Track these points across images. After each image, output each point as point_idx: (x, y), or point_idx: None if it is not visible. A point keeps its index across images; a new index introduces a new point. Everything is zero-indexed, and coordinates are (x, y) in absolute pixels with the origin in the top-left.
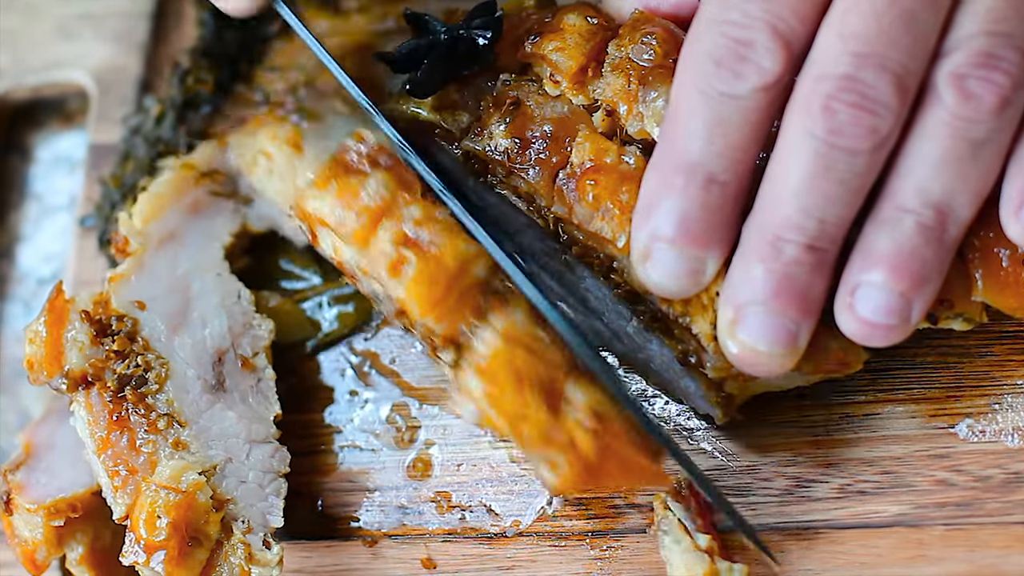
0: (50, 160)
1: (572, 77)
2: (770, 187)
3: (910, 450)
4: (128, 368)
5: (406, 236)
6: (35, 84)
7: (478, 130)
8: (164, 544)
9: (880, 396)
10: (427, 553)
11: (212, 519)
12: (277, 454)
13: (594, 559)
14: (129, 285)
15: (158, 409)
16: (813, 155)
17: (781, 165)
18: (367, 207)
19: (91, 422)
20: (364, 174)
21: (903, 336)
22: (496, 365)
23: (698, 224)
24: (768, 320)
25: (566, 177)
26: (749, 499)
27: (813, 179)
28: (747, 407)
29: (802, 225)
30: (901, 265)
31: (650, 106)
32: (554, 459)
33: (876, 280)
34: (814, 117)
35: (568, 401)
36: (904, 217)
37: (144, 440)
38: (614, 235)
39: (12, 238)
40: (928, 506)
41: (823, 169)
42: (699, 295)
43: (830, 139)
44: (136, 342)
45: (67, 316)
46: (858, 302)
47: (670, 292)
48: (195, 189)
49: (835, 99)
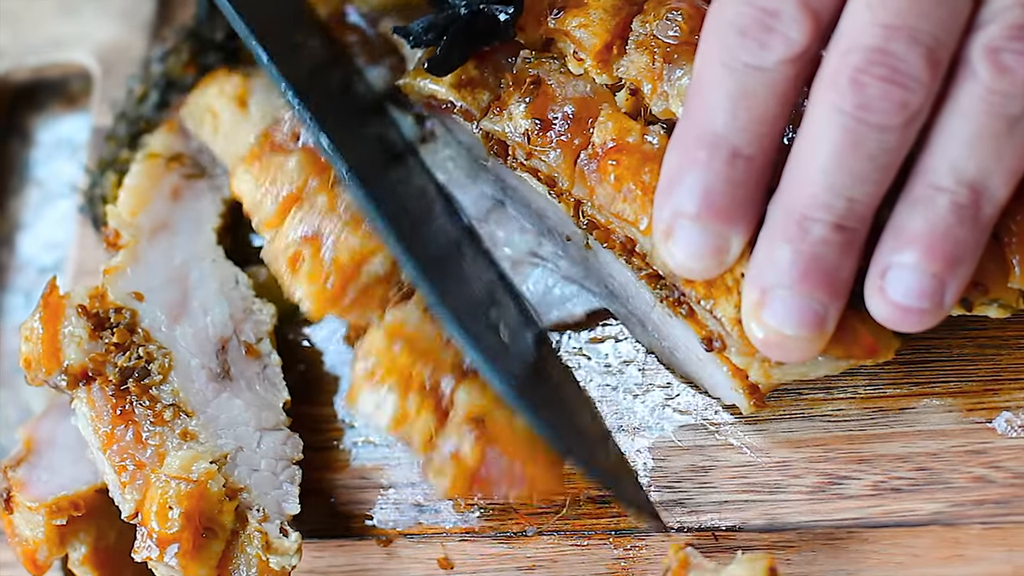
0: (52, 144)
1: (596, 55)
2: (796, 165)
3: (946, 445)
4: (130, 360)
5: (308, 229)
6: (36, 65)
7: (497, 110)
8: (177, 536)
9: (915, 389)
10: (444, 553)
11: (226, 508)
12: (289, 441)
13: (617, 559)
14: (125, 277)
15: (163, 400)
16: (841, 131)
17: (808, 141)
18: (280, 193)
19: (94, 418)
20: (287, 152)
21: (936, 321)
22: (378, 364)
23: (722, 199)
24: (795, 303)
25: (587, 158)
26: (779, 497)
27: (841, 156)
28: (775, 400)
29: (830, 204)
30: (935, 245)
31: (675, 85)
32: (441, 465)
33: (908, 261)
34: (842, 91)
35: (454, 405)
36: (937, 196)
37: (151, 433)
38: (636, 217)
39: (12, 225)
40: (965, 504)
41: (852, 146)
42: (723, 276)
43: (859, 114)
44: (136, 334)
45: (63, 311)
46: (889, 285)
47: (693, 272)
48: (168, 175)
49: (864, 73)
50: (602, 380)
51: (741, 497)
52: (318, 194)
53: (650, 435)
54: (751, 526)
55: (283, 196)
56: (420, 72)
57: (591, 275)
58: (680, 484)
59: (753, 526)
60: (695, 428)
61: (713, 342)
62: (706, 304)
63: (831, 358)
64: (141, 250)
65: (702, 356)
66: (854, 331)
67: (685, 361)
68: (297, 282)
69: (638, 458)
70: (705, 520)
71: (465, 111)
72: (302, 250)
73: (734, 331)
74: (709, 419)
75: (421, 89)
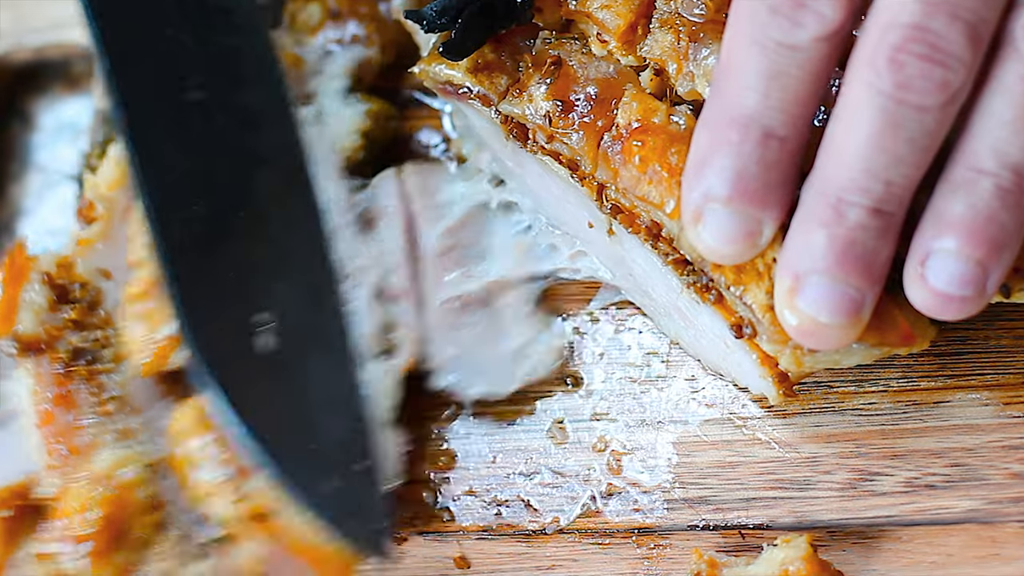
0: (54, 128)
1: (621, 36)
2: (831, 147)
3: (983, 441)
4: (85, 341)
5: None
6: (37, 45)
7: (517, 92)
8: (92, 536)
9: (950, 383)
10: (460, 551)
11: (146, 519)
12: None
13: (640, 558)
14: (96, 252)
15: (110, 390)
16: (878, 112)
17: (843, 123)
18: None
19: (36, 392)
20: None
21: (977, 309)
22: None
23: (755, 181)
24: (830, 289)
25: (611, 140)
26: (808, 493)
27: (879, 138)
28: (805, 393)
29: (867, 187)
30: (977, 230)
31: (701, 64)
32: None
33: (950, 247)
34: (880, 71)
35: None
36: (980, 179)
37: (90, 421)
38: (662, 199)
39: (13, 211)
40: (1002, 501)
41: (890, 127)
42: (754, 261)
43: (897, 94)
44: (96, 314)
45: (27, 275)
46: (930, 272)
47: (724, 257)
48: None
49: (903, 51)
50: (624, 373)
51: (769, 494)
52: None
53: (675, 429)
54: (779, 524)
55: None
56: (435, 57)
57: (617, 264)
58: (706, 480)
59: (781, 524)
60: (721, 422)
61: (743, 329)
62: (736, 290)
63: (865, 345)
64: (114, 227)
65: (731, 344)
66: (889, 318)
67: (712, 350)
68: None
69: (662, 453)
70: (731, 518)
71: (483, 96)
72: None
73: (765, 318)
74: (736, 413)
75: (436, 75)
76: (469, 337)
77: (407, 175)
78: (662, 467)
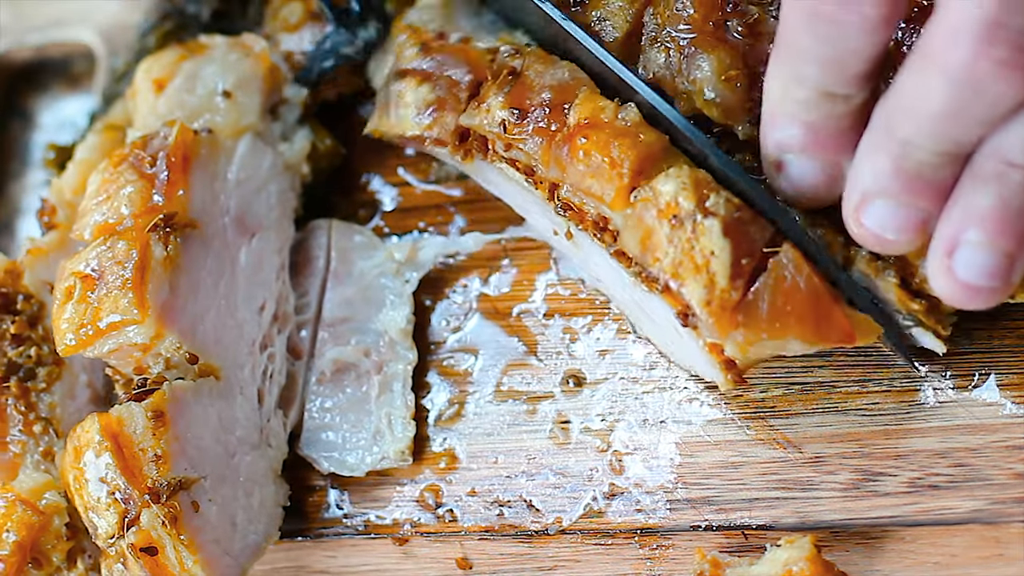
0: (54, 126)
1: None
2: (904, 99)
3: (986, 441)
4: (21, 356)
5: (92, 266)
6: (38, 43)
7: (475, 105)
8: (4, 559)
9: (953, 382)
10: (462, 552)
11: (60, 547)
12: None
13: (643, 559)
14: (46, 263)
15: (39, 411)
16: (956, 87)
17: (916, 88)
18: (104, 215)
19: None
20: (136, 176)
21: (1001, 300)
22: None
23: (826, 132)
24: (896, 209)
25: (562, 139)
26: (811, 494)
27: (953, 109)
28: (808, 393)
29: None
30: (1007, 223)
31: (698, 81)
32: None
33: (979, 239)
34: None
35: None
36: (1011, 172)
37: (14, 439)
38: (603, 190)
39: (12, 210)
40: (1006, 501)
41: (970, 97)
42: (691, 256)
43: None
44: (36, 330)
45: None
46: (957, 263)
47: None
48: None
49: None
50: (627, 373)
51: (772, 494)
52: (122, 238)
53: (677, 429)
54: (782, 524)
55: (101, 221)
56: (380, 119)
57: (587, 269)
58: (709, 481)
59: (784, 524)
60: (724, 422)
61: (688, 317)
62: (674, 284)
63: (803, 343)
64: (70, 237)
65: (681, 331)
66: (830, 316)
67: (668, 338)
68: (62, 312)
69: (665, 453)
70: (735, 518)
71: (436, 140)
72: (75, 284)
73: (703, 312)
74: (739, 413)
75: (387, 133)
76: (336, 410)
77: (335, 232)
78: (665, 467)
